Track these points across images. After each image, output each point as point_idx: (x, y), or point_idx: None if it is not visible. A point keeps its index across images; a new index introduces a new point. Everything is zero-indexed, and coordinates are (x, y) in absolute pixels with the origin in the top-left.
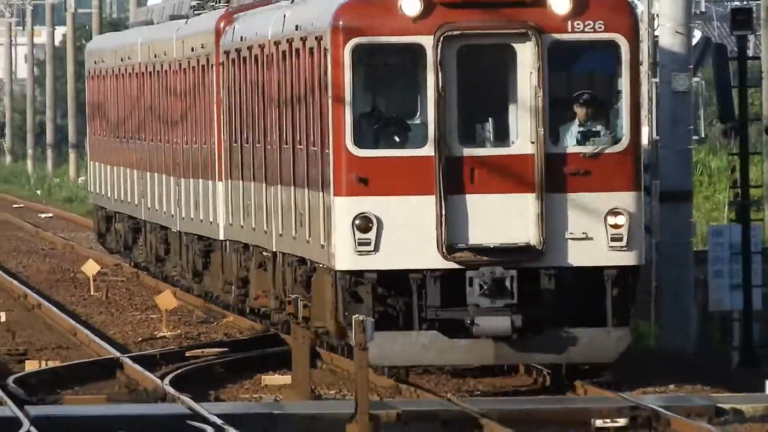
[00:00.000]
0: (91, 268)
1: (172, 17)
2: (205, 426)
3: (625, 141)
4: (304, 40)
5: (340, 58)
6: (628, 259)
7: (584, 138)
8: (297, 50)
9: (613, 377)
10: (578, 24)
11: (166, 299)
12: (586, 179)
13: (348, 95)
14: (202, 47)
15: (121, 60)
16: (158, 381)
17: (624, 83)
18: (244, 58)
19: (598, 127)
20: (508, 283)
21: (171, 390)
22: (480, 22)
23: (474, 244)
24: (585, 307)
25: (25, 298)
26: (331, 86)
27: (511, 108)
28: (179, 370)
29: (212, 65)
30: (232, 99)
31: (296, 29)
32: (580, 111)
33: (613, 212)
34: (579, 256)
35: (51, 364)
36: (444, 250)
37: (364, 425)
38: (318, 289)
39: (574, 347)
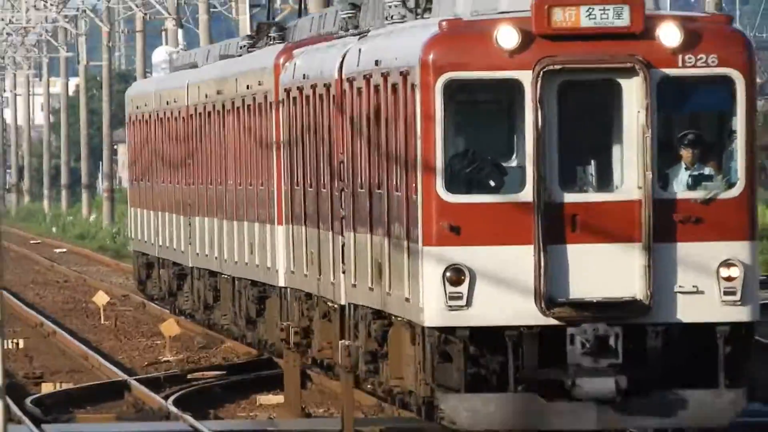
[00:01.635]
0: (101, 298)
1: (222, 56)
2: None
3: (740, 186)
4: (385, 75)
5: (431, 94)
6: (742, 314)
7: (695, 183)
8: (377, 87)
9: None
10: (690, 58)
11: (170, 327)
12: (697, 228)
13: (439, 135)
14: (260, 84)
15: (167, 103)
16: (162, 401)
17: (739, 122)
18: (308, 97)
19: (709, 171)
20: (612, 341)
21: (174, 409)
22: (583, 55)
23: (575, 298)
24: (695, 368)
25: (41, 326)
26: (420, 125)
27: (616, 149)
28: (182, 391)
29: (271, 103)
30: (293, 139)
31: (376, 64)
32: (685, 153)
33: (727, 264)
34: (689, 311)
35: (65, 386)
36: (543, 304)
37: None
38: (396, 345)
39: (683, 410)
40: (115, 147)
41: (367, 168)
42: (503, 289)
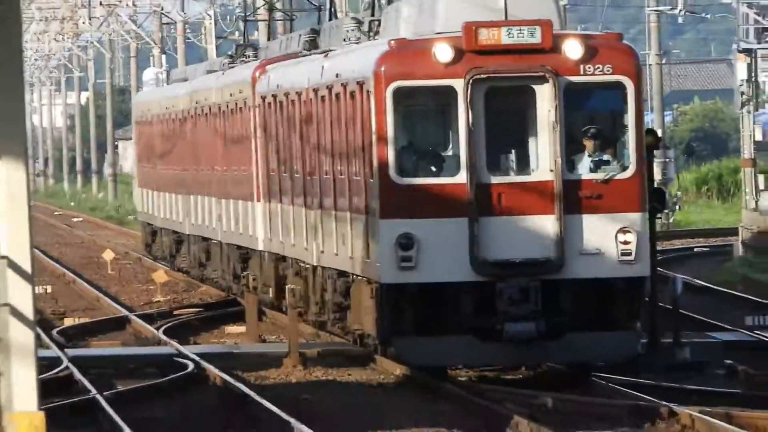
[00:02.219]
0: (108, 255)
1: (209, 71)
2: (187, 361)
3: (632, 169)
4: (344, 85)
5: (383, 99)
6: (635, 271)
7: (596, 166)
8: (337, 95)
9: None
10: (589, 67)
11: (160, 275)
12: (598, 202)
13: (390, 131)
14: (240, 93)
15: (166, 108)
16: (155, 331)
17: (630, 118)
18: (281, 102)
19: (607, 157)
20: (532, 294)
21: (164, 337)
22: (504, 66)
23: (502, 259)
24: (599, 314)
25: (64, 276)
26: (375, 124)
27: (532, 140)
28: (169, 324)
29: (249, 107)
30: (267, 135)
31: (336, 77)
32: (588, 143)
33: (623, 231)
34: (593, 268)
35: (82, 320)
36: (476, 265)
37: (295, 359)
38: (357, 298)
39: (589, 348)
40: (116, 143)
41: (329, 158)
42: (444, 253)
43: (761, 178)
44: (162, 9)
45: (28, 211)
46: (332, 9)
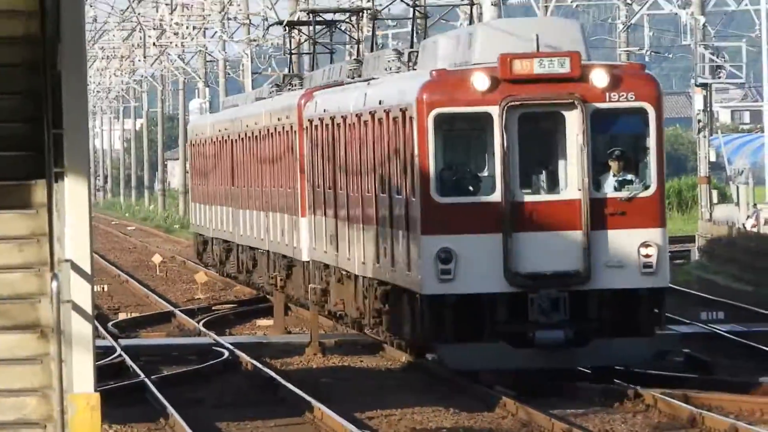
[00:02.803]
0: (157, 259)
1: (258, 98)
2: (223, 350)
3: (653, 188)
4: (387, 111)
5: (425, 124)
6: (656, 282)
7: (620, 186)
8: (380, 119)
9: None
10: (614, 95)
11: (201, 276)
12: (622, 218)
13: (431, 154)
14: (287, 118)
15: (218, 131)
16: (196, 324)
17: (651, 141)
18: (327, 125)
19: (630, 177)
20: (561, 303)
21: (203, 329)
22: (536, 94)
23: (533, 271)
24: (622, 321)
25: (118, 276)
26: (417, 147)
27: (561, 162)
28: (208, 318)
29: (295, 131)
30: (313, 155)
31: (379, 103)
32: (613, 164)
33: (645, 245)
34: (617, 280)
35: (133, 315)
36: (510, 277)
37: (315, 348)
38: (397, 307)
39: (613, 353)
40: (166, 163)
41: (372, 177)
42: (480, 266)
43: (714, 193)
44: (206, 49)
45: (89, 220)
46: (374, 41)
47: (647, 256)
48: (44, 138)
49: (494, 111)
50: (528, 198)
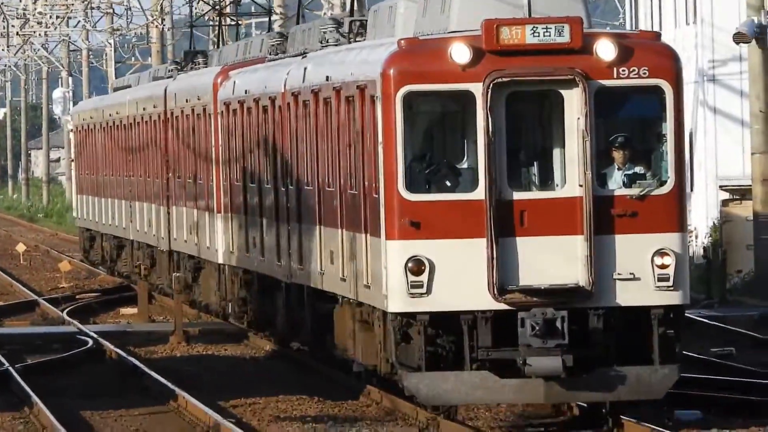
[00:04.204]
0: (21, 248)
1: (155, 78)
2: (87, 338)
3: (670, 183)
4: (337, 89)
5: (392, 105)
6: (674, 298)
7: (630, 181)
8: (326, 99)
9: None
10: (623, 70)
11: (65, 265)
12: (632, 221)
13: (399, 141)
14: (198, 99)
15: (109, 115)
16: (60, 312)
17: (669, 127)
18: (249, 108)
19: (640, 170)
20: (559, 324)
21: (67, 318)
22: (528, 68)
23: (524, 285)
24: (633, 346)
25: None
26: (382, 132)
27: (559, 152)
28: (72, 306)
29: (210, 114)
30: (231, 143)
31: (326, 80)
32: (617, 154)
33: (660, 253)
34: (627, 295)
35: None
36: (495, 291)
37: (179, 336)
38: (341, 321)
39: (622, 385)
40: (30, 152)
41: (315, 168)
42: (459, 278)
43: None
44: (69, 38)
45: None
46: (300, 13)
47: (663, 266)
48: None
49: (477, 89)
50: (518, 195)
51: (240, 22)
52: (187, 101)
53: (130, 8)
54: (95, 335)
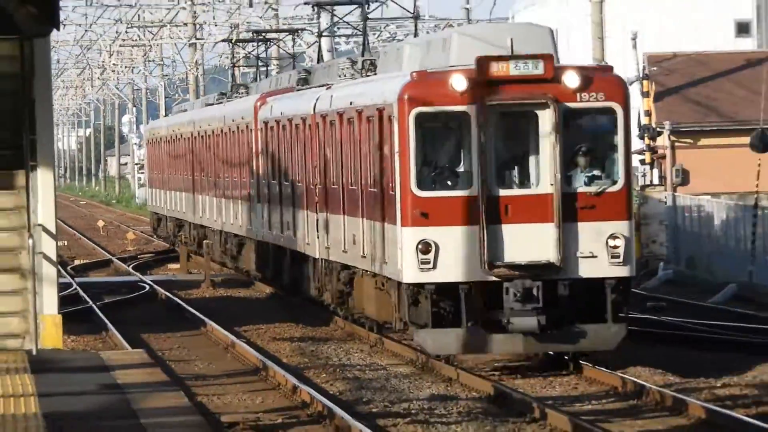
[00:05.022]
0: (100, 223)
1: (207, 105)
2: (145, 285)
3: (620, 183)
4: (359, 111)
5: (406, 122)
6: (623, 271)
7: (590, 181)
8: (350, 119)
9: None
10: (585, 95)
11: (131, 235)
12: (591, 212)
13: (412, 150)
14: (242, 119)
15: (173, 131)
16: (127, 267)
17: (619, 139)
18: (284, 126)
19: (598, 173)
20: (535, 292)
21: (132, 271)
22: (512, 94)
23: (509, 262)
24: (592, 309)
25: (74, 235)
26: (398, 144)
27: (535, 158)
28: (135, 262)
29: (251, 129)
30: (267, 152)
31: (350, 104)
32: (580, 160)
33: (612, 236)
34: (587, 269)
35: (84, 261)
36: (486, 266)
37: (208, 284)
38: (359, 288)
39: (583, 339)
40: (106, 158)
41: (339, 171)
42: (458, 256)
43: None
44: (133, 81)
45: (54, 198)
46: (320, 54)
47: (615, 247)
48: (23, 141)
49: (472, 110)
50: (503, 192)
51: (268, 64)
52: (233, 120)
53: (174, 61)
54: (151, 283)
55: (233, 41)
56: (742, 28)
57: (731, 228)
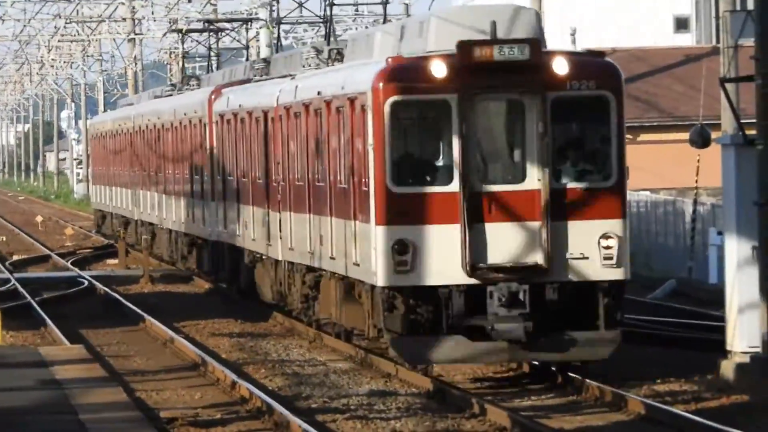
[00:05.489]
0: (39, 218)
1: (156, 97)
2: (84, 280)
3: (613, 178)
4: (328, 102)
5: (381, 112)
6: (617, 274)
7: (581, 176)
8: (317, 110)
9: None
10: (575, 83)
11: (69, 231)
12: (582, 209)
13: (387, 143)
14: (195, 112)
15: (119, 126)
16: (65, 262)
17: (612, 131)
18: (242, 119)
19: (590, 167)
20: (521, 296)
21: (71, 266)
22: (495, 81)
23: (493, 263)
24: (583, 314)
25: (13, 230)
26: (372, 135)
27: (521, 151)
28: (74, 258)
29: (205, 123)
30: (224, 148)
31: (317, 94)
32: (570, 153)
33: (605, 236)
34: (578, 272)
35: (23, 256)
36: (468, 268)
37: (147, 279)
38: (326, 291)
39: (574, 347)
40: (45, 154)
41: (305, 166)
42: (438, 257)
43: None
44: (72, 76)
45: None
46: (279, 44)
47: (608, 248)
48: None
49: (453, 98)
50: (487, 188)
51: (219, 54)
52: (185, 114)
53: (113, 56)
54: (90, 278)
55: (183, 31)
56: (681, 24)
57: (671, 224)
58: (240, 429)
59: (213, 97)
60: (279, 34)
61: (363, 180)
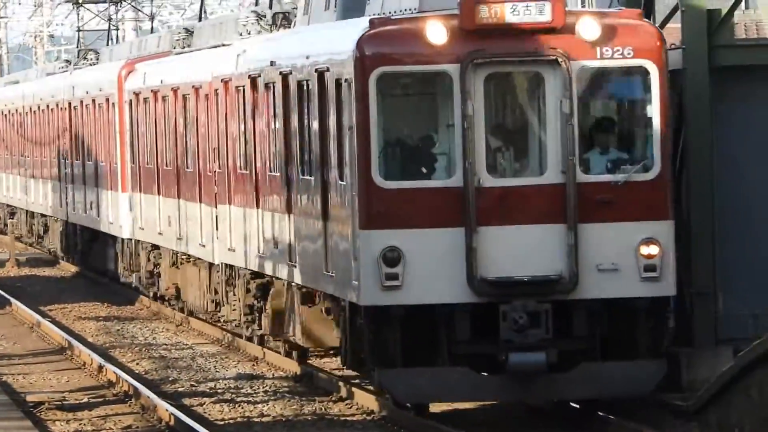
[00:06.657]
0: None
1: (49, 74)
2: None
3: (656, 169)
4: (284, 74)
5: (365, 88)
6: (660, 290)
7: (614, 166)
8: (268, 84)
9: None
10: (607, 50)
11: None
12: (616, 208)
13: (373, 126)
14: (100, 90)
15: (5, 105)
16: None
17: (654, 110)
18: (165, 97)
19: (625, 155)
20: (542, 317)
21: None
22: (508, 48)
23: (505, 276)
24: (619, 340)
25: None
26: (355, 117)
27: (541, 136)
28: None
29: (113, 103)
30: (139, 131)
31: (271, 65)
32: (600, 138)
33: (646, 242)
34: (611, 287)
35: None
36: (474, 283)
37: (12, 263)
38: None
39: (607, 381)
40: None
41: (252, 151)
42: (436, 269)
43: None
44: None
45: None
46: (203, 10)
47: (649, 256)
48: None
49: (454, 70)
50: (498, 183)
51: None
52: (87, 93)
53: None
54: None
55: (80, 2)
56: None
57: None
58: (107, 413)
59: (124, 72)
60: (202, 1)
61: (338, 171)
